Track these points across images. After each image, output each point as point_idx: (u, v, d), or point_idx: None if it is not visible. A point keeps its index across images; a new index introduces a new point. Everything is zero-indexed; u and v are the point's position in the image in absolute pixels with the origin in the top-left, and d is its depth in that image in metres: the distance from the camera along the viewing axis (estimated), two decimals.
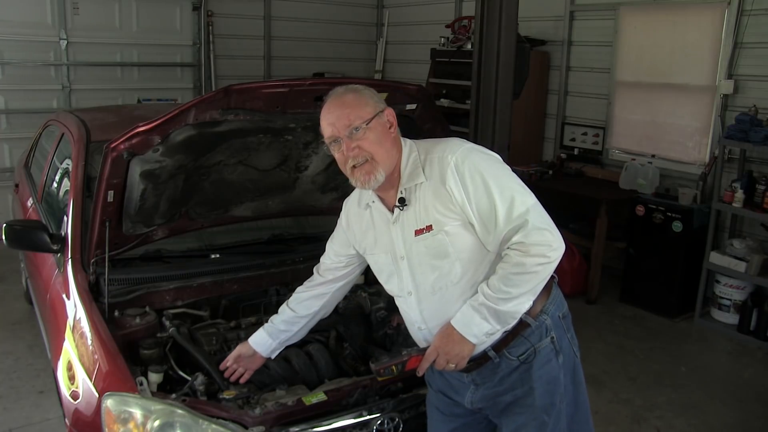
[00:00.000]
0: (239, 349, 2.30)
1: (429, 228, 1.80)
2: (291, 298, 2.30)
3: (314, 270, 2.27)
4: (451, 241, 1.79)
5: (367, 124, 1.78)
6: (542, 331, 1.85)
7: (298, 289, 2.30)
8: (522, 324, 1.82)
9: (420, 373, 1.87)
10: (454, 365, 1.81)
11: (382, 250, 1.96)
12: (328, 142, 1.83)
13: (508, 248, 1.75)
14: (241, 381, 2.29)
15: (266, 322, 2.64)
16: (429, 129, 2.67)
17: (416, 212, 1.83)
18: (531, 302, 1.80)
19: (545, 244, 1.71)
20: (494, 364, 1.85)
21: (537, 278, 1.74)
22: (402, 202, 1.85)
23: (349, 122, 1.78)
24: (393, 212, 1.89)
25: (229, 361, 2.28)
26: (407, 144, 1.90)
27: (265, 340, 2.28)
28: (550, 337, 1.86)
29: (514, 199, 1.74)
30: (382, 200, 1.93)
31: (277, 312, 2.33)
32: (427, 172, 1.82)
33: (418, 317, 1.91)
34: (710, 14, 5.02)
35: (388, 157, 1.82)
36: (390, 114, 1.86)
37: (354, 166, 1.81)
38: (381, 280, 2.03)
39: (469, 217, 1.76)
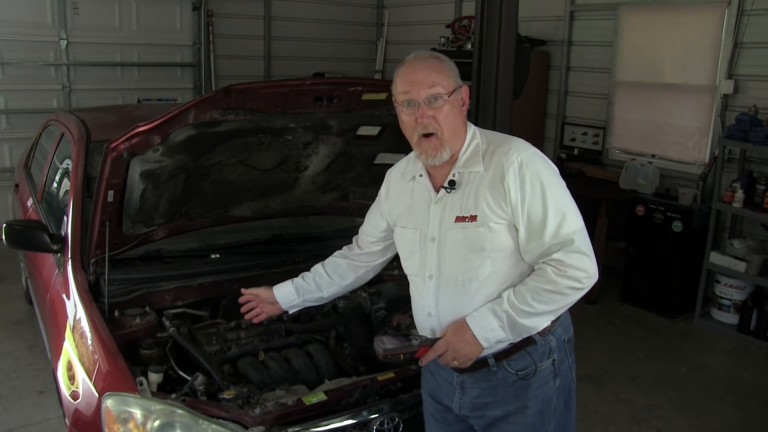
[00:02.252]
0: (260, 290, 2.29)
1: (473, 218, 1.75)
2: (327, 261, 2.27)
3: (353, 239, 2.25)
4: (490, 237, 1.74)
5: (448, 96, 1.75)
6: (545, 351, 1.82)
7: (337, 253, 2.28)
8: (528, 339, 1.79)
9: (423, 363, 1.84)
10: (458, 363, 1.78)
11: (412, 226, 1.90)
12: (401, 101, 1.78)
13: (544, 263, 1.72)
14: (255, 321, 2.31)
15: (266, 321, 2.65)
16: None
17: (463, 199, 1.78)
18: (549, 323, 1.78)
19: (583, 270, 1.69)
20: (490, 372, 1.82)
21: (564, 301, 1.72)
22: (452, 184, 1.80)
23: (432, 88, 1.73)
24: (438, 192, 1.84)
25: (249, 294, 2.29)
26: (471, 129, 1.85)
27: (290, 294, 2.26)
28: (552, 359, 1.83)
29: (566, 216, 1.71)
30: (430, 176, 1.87)
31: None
32: (486, 163, 1.77)
33: (432, 304, 1.85)
34: (710, 14, 5.02)
35: (456, 136, 1.79)
36: (466, 92, 1.82)
37: (423, 135, 1.76)
38: (402, 255, 1.98)
39: (517, 220, 1.72)
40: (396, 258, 2.19)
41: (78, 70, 6.37)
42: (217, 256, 2.85)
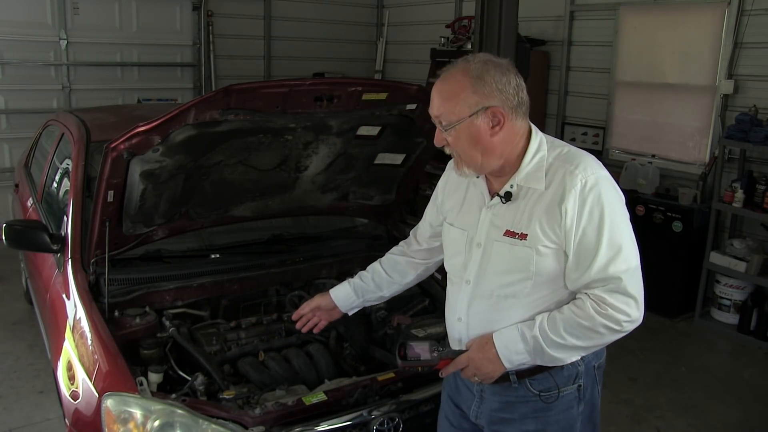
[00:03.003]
0: (318, 301, 2.20)
1: (523, 236, 1.65)
2: (385, 259, 2.19)
3: (410, 233, 2.17)
4: (537, 260, 1.64)
5: (458, 124, 1.64)
6: (571, 376, 1.74)
7: (394, 250, 2.20)
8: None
9: (443, 375, 1.80)
10: (478, 380, 1.74)
11: (460, 225, 1.82)
12: None
13: (585, 293, 1.63)
14: (315, 331, 2.25)
15: (266, 321, 2.66)
16: (429, 129, 2.65)
17: (517, 214, 1.68)
18: (578, 358, 1.71)
19: (624, 313, 1.60)
20: (511, 387, 1.76)
21: (599, 340, 1.64)
22: (508, 197, 1.70)
23: (436, 117, 1.69)
24: (492, 198, 1.75)
25: (304, 309, 2.21)
26: (537, 138, 1.73)
27: (349, 296, 2.18)
28: (578, 385, 1.76)
29: (621, 251, 1.61)
30: (487, 180, 1.78)
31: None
32: (548, 180, 1.66)
33: (464, 309, 1.78)
34: (710, 14, 5.02)
35: (479, 161, 1.68)
36: (496, 112, 1.64)
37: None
38: (445, 253, 1.91)
39: (568, 245, 1.62)
40: None
41: (78, 70, 6.37)
42: (217, 256, 2.84)
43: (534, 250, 1.64)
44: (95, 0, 6.30)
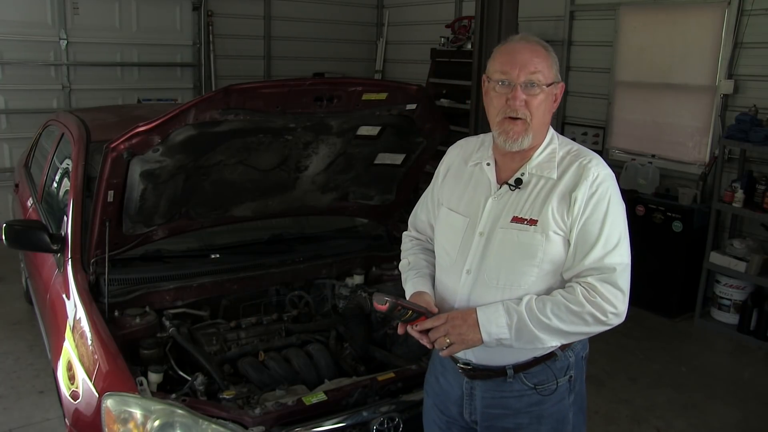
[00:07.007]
0: (428, 299, 1.81)
1: (533, 222, 1.66)
2: (409, 248, 2.00)
3: (409, 225, 2.06)
4: (546, 246, 1.66)
5: (546, 86, 1.67)
6: (564, 367, 1.76)
7: (416, 243, 2.02)
8: (550, 354, 1.74)
9: (416, 329, 1.68)
10: (448, 343, 1.65)
11: (462, 212, 1.79)
12: (496, 78, 1.68)
13: (576, 282, 1.65)
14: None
15: (266, 321, 2.66)
16: (429, 129, 2.67)
17: (528, 200, 1.69)
18: (557, 345, 1.70)
19: (612, 305, 1.62)
20: (505, 383, 1.75)
21: (582, 328, 1.64)
22: (518, 183, 1.72)
23: (532, 74, 1.65)
24: (500, 186, 1.74)
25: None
26: (551, 132, 1.78)
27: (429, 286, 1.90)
28: (569, 376, 1.78)
29: (617, 246, 1.65)
30: (497, 167, 1.78)
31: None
32: (560, 170, 1.70)
33: (464, 299, 1.73)
34: (710, 14, 5.02)
35: (541, 129, 1.72)
36: (561, 90, 1.75)
37: (508, 118, 1.67)
38: (440, 239, 1.85)
39: (571, 233, 1.66)
40: (395, 257, 2.17)
41: (78, 70, 6.37)
42: (217, 256, 2.85)
43: (544, 235, 1.66)
44: (95, 0, 6.30)
